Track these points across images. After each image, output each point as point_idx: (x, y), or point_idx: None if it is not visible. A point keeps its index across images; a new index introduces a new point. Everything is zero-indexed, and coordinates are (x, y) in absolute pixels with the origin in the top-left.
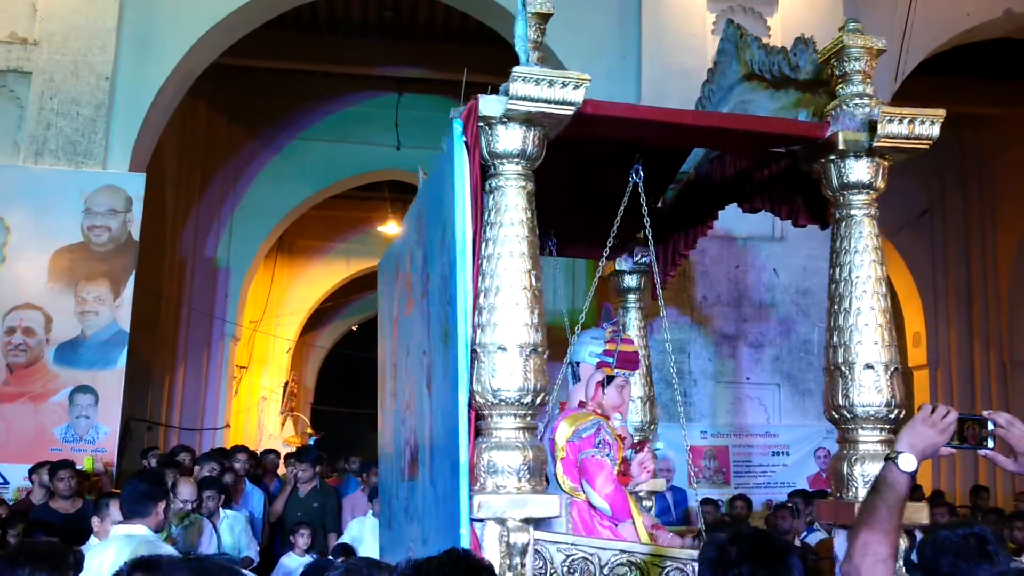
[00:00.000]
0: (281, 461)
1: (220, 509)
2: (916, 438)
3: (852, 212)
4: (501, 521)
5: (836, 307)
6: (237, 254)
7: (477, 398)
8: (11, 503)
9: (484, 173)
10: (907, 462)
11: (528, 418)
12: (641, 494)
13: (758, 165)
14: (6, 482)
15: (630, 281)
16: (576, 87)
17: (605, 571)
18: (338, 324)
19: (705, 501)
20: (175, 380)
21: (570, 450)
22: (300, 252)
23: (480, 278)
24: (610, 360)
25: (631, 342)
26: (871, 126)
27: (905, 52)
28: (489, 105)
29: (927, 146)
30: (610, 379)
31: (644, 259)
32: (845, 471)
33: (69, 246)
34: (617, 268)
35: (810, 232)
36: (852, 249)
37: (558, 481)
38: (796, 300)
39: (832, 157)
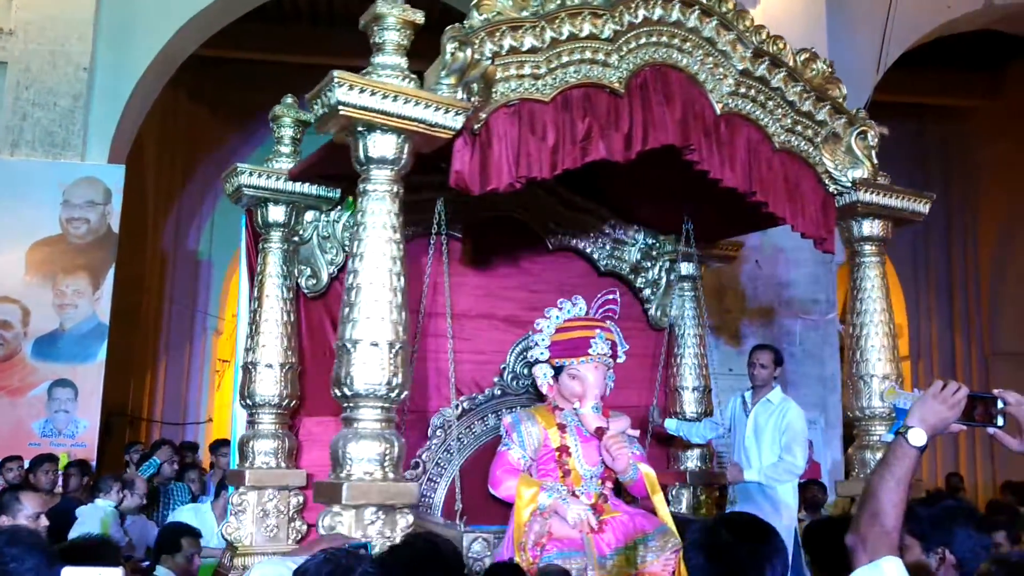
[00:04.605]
0: None
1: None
2: (927, 413)
3: (372, 188)
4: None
5: (350, 283)
6: (219, 247)
7: (247, 400)
8: None
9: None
10: (917, 436)
11: (280, 416)
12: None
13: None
14: None
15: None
16: (237, 175)
17: (470, 553)
18: None
19: None
20: (157, 374)
21: None
22: None
23: (253, 314)
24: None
25: (574, 328)
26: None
27: (887, 43)
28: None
29: (395, 108)
30: (560, 369)
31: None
32: (340, 451)
33: (47, 238)
34: None
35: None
36: (367, 224)
37: None
38: (778, 291)
39: (358, 135)
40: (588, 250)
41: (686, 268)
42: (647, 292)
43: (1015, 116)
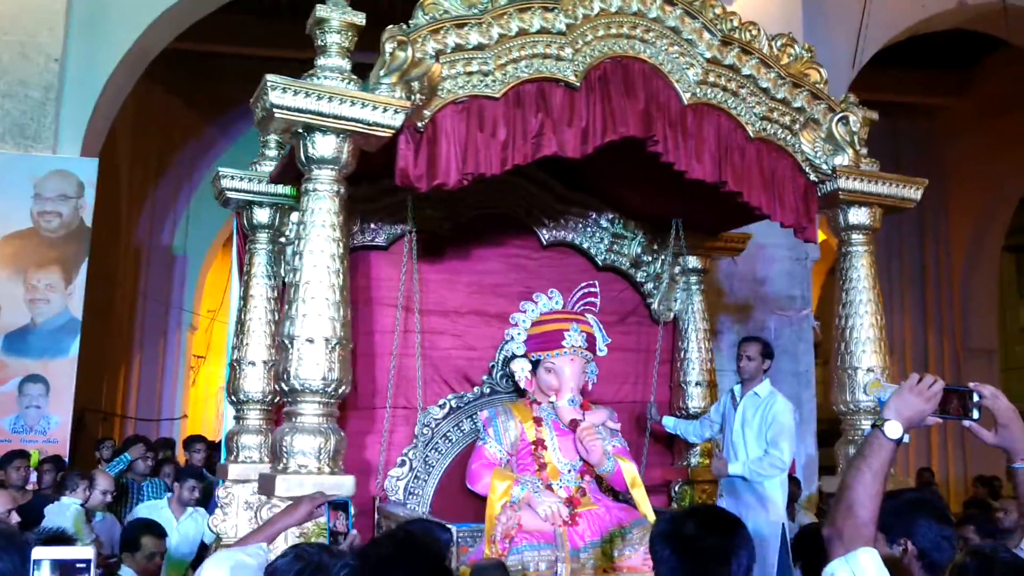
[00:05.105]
0: None
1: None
2: (903, 406)
3: (314, 187)
4: (243, 482)
5: (290, 280)
6: (194, 242)
7: (233, 396)
8: None
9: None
10: (893, 429)
11: (265, 412)
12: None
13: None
14: None
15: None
16: (220, 179)
17: None
18: None
19: None
20: (131, 370)
21: None
22: None
23: (240, 313)
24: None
25: (548, 322)
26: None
27: (862, 41)
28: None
29: (330, 108)
30: (537, 363)
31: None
32: (279, 445)
33: (18, 232)
34: None
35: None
36: (308, 223)
37: None
38: (755, 288)
39: (299, 136)
40: (585, 245)
41: (692, 261)
42: (648, 286)
43: (987, 114)
